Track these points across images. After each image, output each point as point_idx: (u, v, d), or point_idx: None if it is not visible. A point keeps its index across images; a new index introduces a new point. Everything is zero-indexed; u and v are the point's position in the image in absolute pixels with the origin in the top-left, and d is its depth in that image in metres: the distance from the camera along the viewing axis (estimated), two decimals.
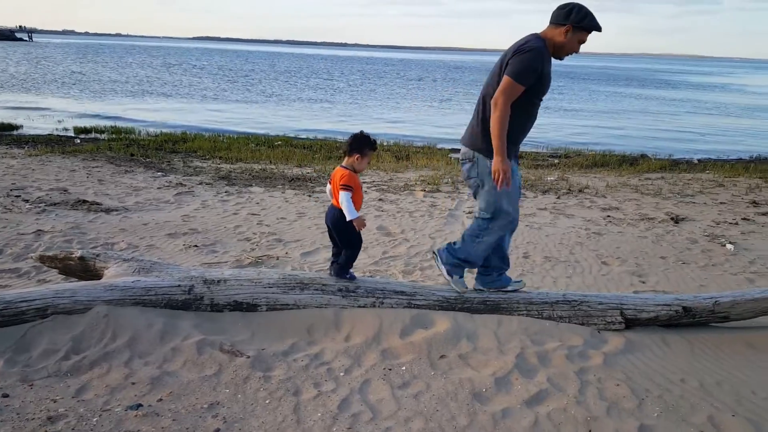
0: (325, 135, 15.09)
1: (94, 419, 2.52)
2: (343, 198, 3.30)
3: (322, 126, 18.29)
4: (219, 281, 3.52)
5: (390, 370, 3.01)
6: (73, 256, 3.87)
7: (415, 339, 3.27)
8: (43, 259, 3.99)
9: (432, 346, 3.22)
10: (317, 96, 30.26)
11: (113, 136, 13.41)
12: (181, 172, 8.86)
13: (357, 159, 3.35)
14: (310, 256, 4.97)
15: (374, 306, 3.53)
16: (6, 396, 2.64)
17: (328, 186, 3.52)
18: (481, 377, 2.96)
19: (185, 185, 7.82)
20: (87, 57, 62.65)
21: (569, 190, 8.39)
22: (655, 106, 30.85)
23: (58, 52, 73.45)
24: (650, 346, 3.33)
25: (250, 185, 7.96)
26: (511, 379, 2.95)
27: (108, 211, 6.29)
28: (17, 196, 6.65)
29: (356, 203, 3.37)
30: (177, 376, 2.88)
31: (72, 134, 13.90)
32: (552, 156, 13.29)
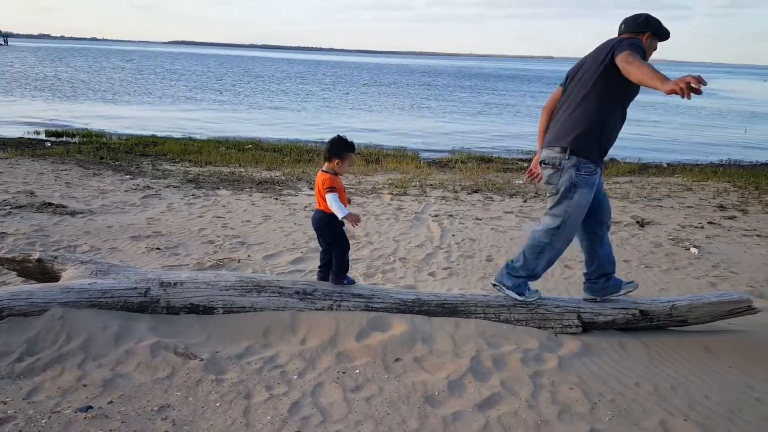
0: (296, 138, 15.00)
1: (43, 421, 2.47)
2: (331, 199, 3.32)
3: (293, 130, 18.19)
4: (175, 284, 3.44)
5: (344, 373, 2.98)
6: (31, 258, 3.77)
7: (371, 342, 3.24)
8: (2, 262, 3.89)
9: (387, 349, 3.19)
10: (289, 100, 30.15)
11: (84, 139, 13.14)
12: (150, 175, 8.71)
13: (337, 163, 3.39)
14: (273, 259, 4.90)
15: (332, 309, 3.49)
16: None
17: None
18: (434, 380, 2.93)
19: (152, 188, 7.69)
20: (61, 60, 61.42)
21: (537, 194, 8.46)
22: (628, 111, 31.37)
23: (32, 55, 71.91)
24: (606, 350, 3.35)
25: (218, 188, 7.86)
26: (465, 383, 2.94)
27: (73, 213, 6.15)
28: None
29: (342, 203, 3.40)
30: (129, 379, 2.82)
31: (43, 137, 13.60)
32: (522, 160, 13.41)
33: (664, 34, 3.35)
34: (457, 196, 8.19)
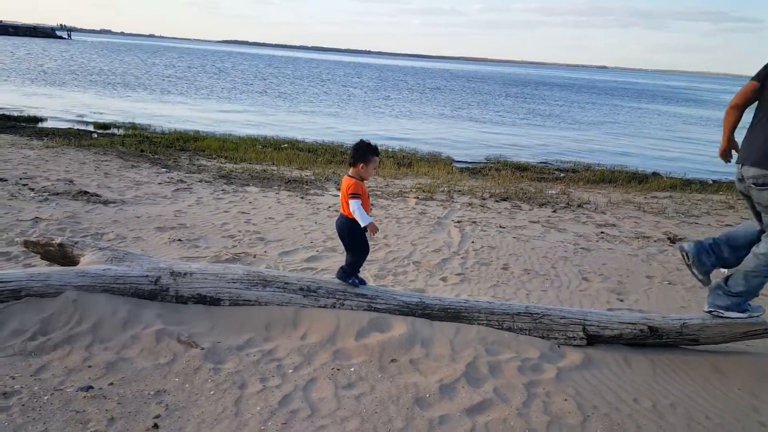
0: (332, 139, 15.16)
1: (45, 397, 2.61)
2: (354, 206, 3.37)
3: (330, 131, 18.40)
4: (185, 274, 3.56)
5: (338, 370, 3.02)
6: (53, 242, 3.96)
7: (369, 342, 3.27)
8: (27, 244, 4.10)
9: (385, 349, 3.22)
10: (331, 101, 30.50)
11: (129, 132, 13.69)
12: (185, 170, 8.99)
13: (362, 168, 3.42)
14: (288, 256, 5.00)
15: (334, 307, 3.53)
16: None
17: None
18: (427, 383, 2.94)
19: (185, 182, 7.93)
20: (118, 55, 64.02)
21: (568, 204, 8.30)
22: (676, 123, 30.40)
23: (93, 50, 75.27)
24: (609, 364, 3.28)
25: (247, 185, 8.05)
26: (458, 387, 2.93)
27: (106, 203, 6.42)
28: (24, 185, 6.83)
29: (366, 209, 3.45)
30: (132, 363, 2.95)
31: (91, 129, 14.22)
32: (558, 170, 13.17)
33: None
34: (485, 203, 8.12)
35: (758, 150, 3.20)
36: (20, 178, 7.16)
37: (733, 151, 3.49)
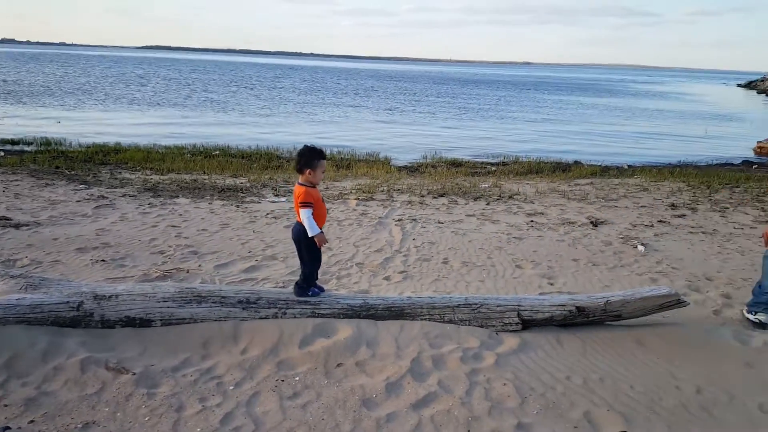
0: (267, 144, 14.91)
1: None
2: (304, 215, 3.37)
3: (265, 135, 18.11)
4: (110, 297, 3.42)
5: (283, 381, 2.99)
6: None
7: (314, 348, 3.27)
8: None
9: (330, 354, 3.22)
10: (262, 104, 30.02)
11: (41, 147, 12.87)
12: (106, 185, 8.58)
13: (310, 173, 3.41)
14: (224, 269, 4.89)
15: (276, 317, 3.50)
16: None
17: None
18: (373, 383, 2.97)
19: (107, 198, 7.57)
20: (23, 66, 60.02)
21: (500, 196, 8.58)
22: (594, 114, 32.00)
23: None
24: (543, 346, 3.43)
25: (177, 196, 7.79)
26: (404, 384, 2.99)
27: (17, 226, 6.02)
28: None
29: (319, 217, 3.45)
30: (55, 396, 2.79)
31: None
32: (490, 163, 13.58)
33: None
34: (423, 200, 8.26)
35: None
36: None
37: None
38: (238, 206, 7.35)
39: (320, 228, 3.42)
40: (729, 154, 16.67)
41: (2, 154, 11.72)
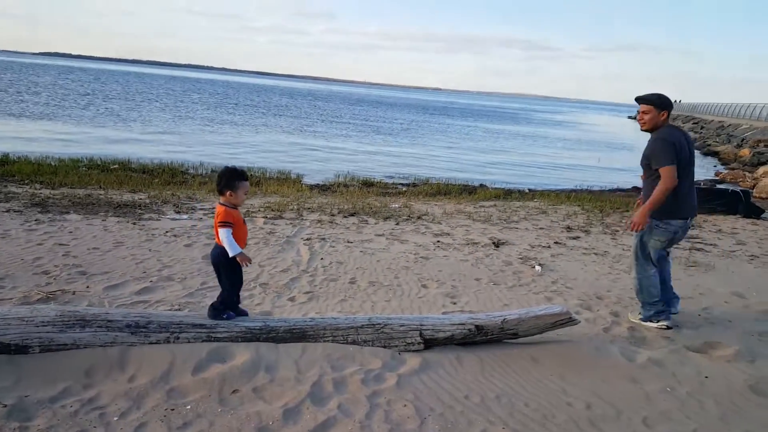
0: (171, 158, 14.28)
1: None
2: (223, 235, 3.25)
3: (168, 149, 17.37)
4: None
5: (172, 410, 2.82)
6: None
7: (208, 375, 3.11)
8: None
9: (226, 380, 3.08)
10: (167, 117, 28.85)
11: None
12: None
13: (231, 195, 3.33)
14: (115, 290, 4.57)
15: (169, 342, 3.31)
16: None
17: None
18: (270, 410, 2.87)
19: None
20: None
21: (409, 216, 8.72)
22: (499, 139, 33.67)
23: None
24: (444, 365, 3.49)
25: (67, 212, 7.22)
26: (302, 409, 2.91)
27: None
28: None
29: (239, 239, 3.32)
30: None
31: None
32: (401, 184, 13.82)
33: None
34: (333, 219, 8.21)
35: None
36: None
37: None
38: (134, 223, 6.93)
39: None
40: (620, 180, 18.11)
41: None
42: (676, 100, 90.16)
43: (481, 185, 14.15)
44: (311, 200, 9.80)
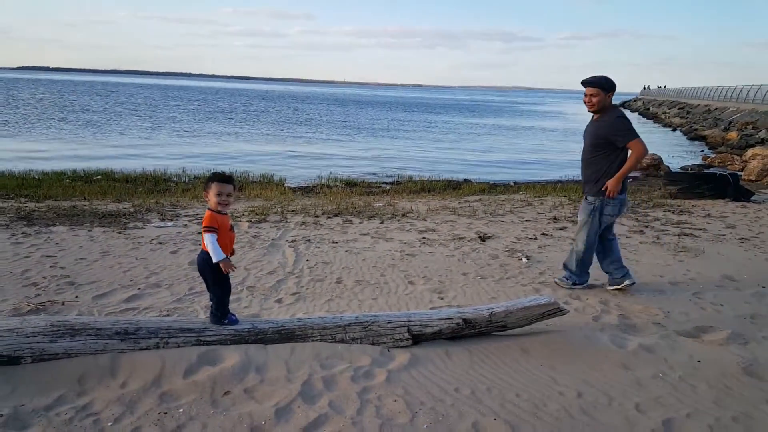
0: (154, 167, 14.21)
1: None
2: (207, 240, 3.26)
3: (151, 158, 17.27)
4: None
5: (165, 413, 2.85)
6: None
7: (199, 378, 3.14)
8: None
9: (217, 383, 3.11)
10: (147, 126, 28.64)
11: None
12: None
13: (206, 196, 3.36)
14: (104, 298, 4.57)
15: (158, 347, 3.33)
16: None
17: None
18: (262, 409, 2.91)
19: None
20: None
21: (394, 215, 8.78)
22: (483, 133, 33.86)
23: None
24: (433, 360, 3.54)
25: (53, 224, 7.18)
26: (294, 408, 2.95)
27: None
28: None
29: (223, 246, 3.31)
30: None
31: None
32: (385, 183, 13.88)
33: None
34: (318, 220, 8.24)
35: None
36: None
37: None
38: (120, 232, 6.91)
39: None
40: None
41: None
42: (661, 86, 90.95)
43: (466, 180, 14.27)
44: (295, 202, 9.81)
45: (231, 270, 3.35)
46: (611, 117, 4.79)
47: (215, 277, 3.40)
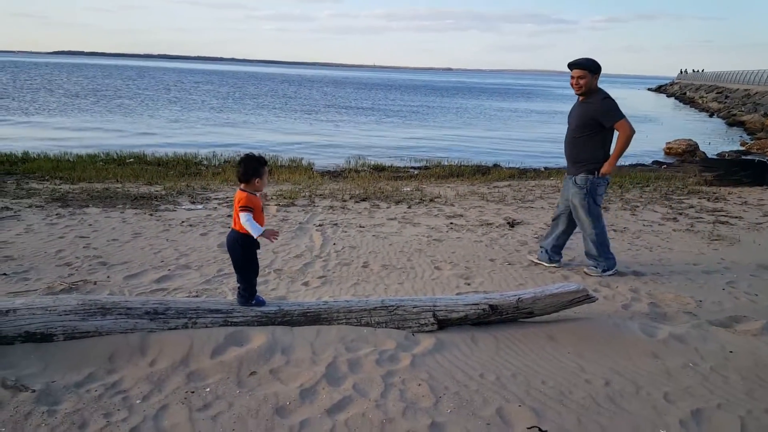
0: (184, 150, 14.42)
1: None
2: (245, 219, 3.29)
3: (183, 141, 17.54)
4: (8, 311, 3.19)
5: (193, 392, 2.89)
6: None
7: (226, 358, 3.18)
8: None
9: (243, 363, 3.15)
10: (179, 109, 29.05)
11: None
12: (11, 195, 7.98)
13: (258, 182, 3.38)
14: (135, 279, 4.67)
15: (186, 327, 3.38)
16: None
17: None
18: (287, 390, 2.93)
19: (11, 209, 7.05)
20: None
21: (421, 200, 8.73)
22: (514, 117, 33.33)
23: None
24: (459, 345, 3.51)
25: (86, 206, 7.36)
26: (318, 389, 2.96)
27: None
28: None
29: (258, 223, 3.37)
30: None
31: None
32: (413, 167, 13.80)
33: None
34: (345, 204, 8.25)
35: None
36: None
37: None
38: (151, 215, 7.05)
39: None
40: (641, 153, 17.77)
41: None
42: (698, 70, 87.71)
43: (495, 165, 14.08)
44: (323, 187, 9.84)
45: (275, 237, 3.40)
46: (598, 98, 4.90)
47: (246, 255, 3.43)
